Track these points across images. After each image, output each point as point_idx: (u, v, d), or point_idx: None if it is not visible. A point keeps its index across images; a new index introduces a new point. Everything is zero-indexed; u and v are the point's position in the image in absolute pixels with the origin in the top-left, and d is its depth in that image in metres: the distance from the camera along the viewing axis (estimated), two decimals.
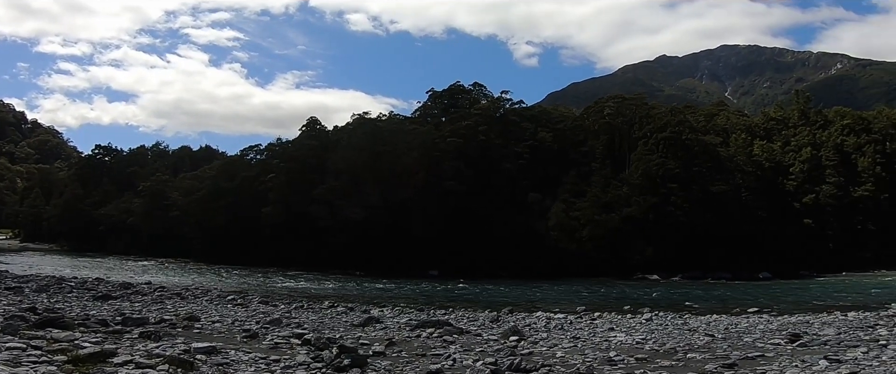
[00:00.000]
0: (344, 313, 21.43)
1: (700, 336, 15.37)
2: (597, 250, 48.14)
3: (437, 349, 12.50)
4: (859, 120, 60.58)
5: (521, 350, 12.62)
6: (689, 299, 30.38)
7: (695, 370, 10.40)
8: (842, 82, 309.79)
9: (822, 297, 31.62)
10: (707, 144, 53.21)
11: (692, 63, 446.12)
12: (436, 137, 56.71)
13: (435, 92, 67.28)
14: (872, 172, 54.51)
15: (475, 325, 18.41)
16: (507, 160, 55.18)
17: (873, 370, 9.48)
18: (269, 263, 52.74)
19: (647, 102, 63.28)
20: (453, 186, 52.33)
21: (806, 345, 13.06)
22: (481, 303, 28.30)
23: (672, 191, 48.49)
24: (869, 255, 50.92)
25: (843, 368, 9.62)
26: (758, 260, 46.99)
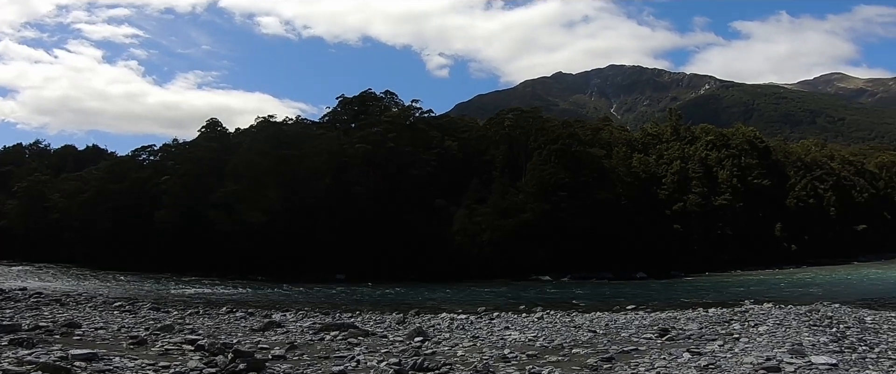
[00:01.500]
0: (243, 318, 20.62)
1: (584, 333, 16.19)
2: (496, 254, 50.21)
3: (342, 351, 12.46)
4: (721, 136, 67.81)
5: (425, 350, 12.90)
6: (576, 298, 32.06)
7: (579, 365, 11.17)
8: (709, 101, 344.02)
9: (688, 295, 33.70)
10: (593, 156, 56.90)
11: (584, 80, 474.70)
12: (344, 143, 56.55)
13: (345, 98, 66.97)
14: (730, 184, 61.32)
15: (381, 327, 18.38)
16: (415, 167, 56.18)
17: (726, 361, 10.70)
18: (161, 269, 49.82)
19: (542, 116, 66.57)
20: (361, 191, 52.46)
21: (673, 339, 14.22)
22: (388, 306, 28.25)
23: (562, 198, 51.62)
24: (727, 257, 56.65)
25: (703, 360, 10.85)
26: (635, 261, 51.14)
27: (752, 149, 66.47)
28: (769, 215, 62.52)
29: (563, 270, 49.06)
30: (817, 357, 10.36)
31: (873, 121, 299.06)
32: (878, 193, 77.00)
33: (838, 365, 9.79)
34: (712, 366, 10.19)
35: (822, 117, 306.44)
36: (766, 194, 63.38)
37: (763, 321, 17.57)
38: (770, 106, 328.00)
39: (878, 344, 13.37)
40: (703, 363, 10.49)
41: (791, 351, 11.19)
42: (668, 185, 59.56)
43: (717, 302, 27.56)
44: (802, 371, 9.34)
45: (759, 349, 11.74)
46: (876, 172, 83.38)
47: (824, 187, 68.38)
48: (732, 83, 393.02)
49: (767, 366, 9.66)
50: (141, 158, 70.03)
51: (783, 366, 9.73)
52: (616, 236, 51.49)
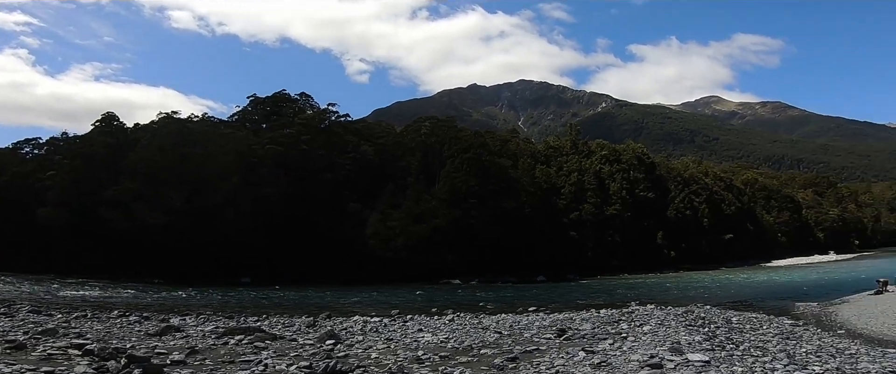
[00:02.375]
0: (137, 322, 19.20)
1: (491, 334, 16.74)
2: (409, 258, 50.26)
3: (248, 355, 12.02)
4: (613, 151, 72.48)
5: (337, 353, 12.76)
6: (484, 301, 32.59)
7: (487, 365, 11.54)
8: (605, 118, 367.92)
9: (583, 297, 35.08)
10: (501, 166, 58.56)
11: (496, 93, 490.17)
12: (253, 143, 54.09)
13: (257, 98, 64.12)
14: (620, 196, 65.76)
15: (290, 331, 17.85)
16: (329, 171, 54.93)
17: (616, 359, 11.48)
18: (43, 269, 45.09)
19: (456, 125, 67.72)
20: (270, 192, 50.40)
21: (570, 339, 15.04)
22: (298, 309, 27.44)
23: (472, 206, 52.80)
24: (616, 262, 60.48)
25: (596, 358, 11.58)
26: (536, 266, 53.29)
27: (639, 164, 71.60)
28: (653, 225, 67.60)
29: (472, 274, 50.02)
30: (693, 355, 11.44)
31: (742, 141, 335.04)
32: (743, 206, 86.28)
33: (711, 362, 10.89)
34: (604, 364, 10.95)
35: (700, 137, 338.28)
36: (650, 205, 68.42)
37: (647, 320, 19.07)
38: (657, 125, 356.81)
39: (742, 342, 15.02)
40: (596, 360, 11.23)
41: (671, 349, 12.26)
42: (566, 195, 62.45)
43: (608, 304, 29.31)
44: (681, 368, 10.26)
45: (644, 348, 12.74)
46: (742, 187, 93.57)
47: (699, 200, 75.33)
48: (625, 103, 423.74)
49: (651, 363, 10.51)
50: (24, 152, 62.92)
51: (664, 363, 10.62)
52: (520, 243, 53.43)
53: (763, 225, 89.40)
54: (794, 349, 14.05)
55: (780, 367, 10.92)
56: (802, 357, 12.70)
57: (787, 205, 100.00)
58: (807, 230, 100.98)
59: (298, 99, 65.57)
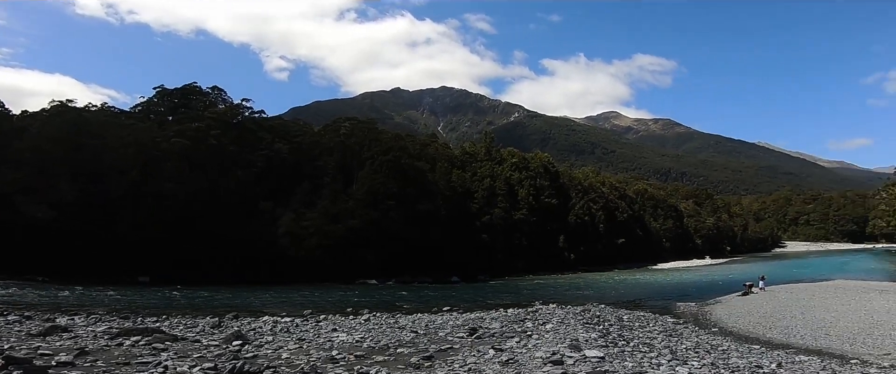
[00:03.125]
0: (18, 322, 17.27)
1: (407, 333, 16.74)
2: (324, 258, 48.95)
3: (145, 357, 11.24)
4: (523, 159, 75.06)
5: (245, 354, 12.23)
6: (400, 301, 32.60)
7: (403, 364, 11.52)
8: (517, 128, 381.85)
9: (492, 297, 35.98)
10: (420, 170, 58.73)
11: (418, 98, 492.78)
12: (157, 136, 50.06)
13: (165, 89, 59.39)
14: (527, 201, 68.27)
15: (193, 332, 16.83)
16: (239, 167, 52.16)
17: (522, 356, 11.95)
18: None
19: (377, 128, 67.04)
20: (173, 188, 46.93)
21: (481, 337, 15.39)
22: (202, 310, 25.94)
23: (390, 207, 52.45)
24: (523, 264, 62.47)
25: (504, 355, 11.99)
26: (451, 267, 53.94)
27: (546, 172, 74.80)
28: (555, 229, 70.76)
29: (388, 274, 49.70)
30: (590, 351, 12.16)
31: (635, 154, 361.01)
32: (634, 214, 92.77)
33: (605, 358, 11.63)
34: (512, 361, 11.37)
35: (600, 149, 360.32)
36: (554, 211, 71.56)
37: (549, 319, 19.99)
38: (563, 136, 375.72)
39: (632, 339, 16.15)
40: (504, 358, 11.64)
41: (570, 346, 12.95)
42: (479, 199, 63.76)
43: (515, 303, 30.24)
44: (579, 364, 10.87)
45: (547, 345, 13.36)
46: (633, 197, 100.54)
47: (597, 207, 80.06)
48: (536, 114, 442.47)
49: (553, 360, 11.05)
50: None
51: (565, 360, 11.21)
52: (435, 244, 53.87)
53: (651, 231, 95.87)
54: (676, 346, 15.31)
55: (665, 363, 11.87)
56: (683, 353, 13.87)
57: (672, 214, 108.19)
58: (687, 237, 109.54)
59: (210, 93, 61.65)
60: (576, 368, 10.37)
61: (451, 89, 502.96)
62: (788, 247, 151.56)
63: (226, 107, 60.03)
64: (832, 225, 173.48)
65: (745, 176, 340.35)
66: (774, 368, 11.98)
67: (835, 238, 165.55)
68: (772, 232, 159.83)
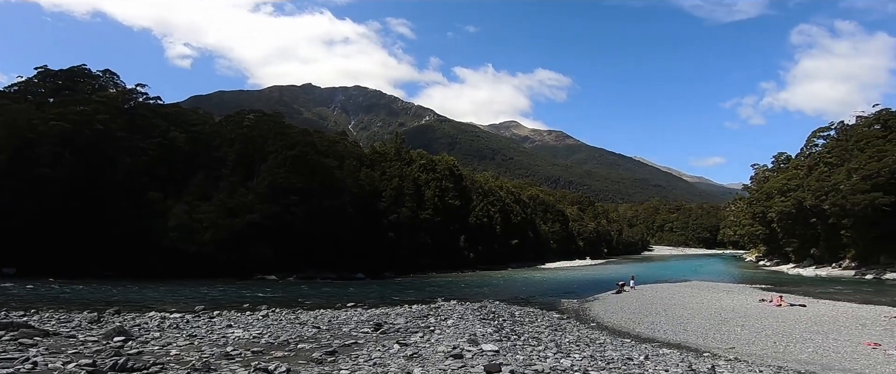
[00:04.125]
0: None
1: (309, 329, 16.10)
2: (219, 252, 46.01)
3: (10, 352, 9.99)
4: (430, 161, 75.77)
5: (128, 350, 11.22)
6: (302, 297, 31.35)
7: (305, 359, 11.08)
8: (427, 131, 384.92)
9: (397, 293, 35.71)
10: (327, 166, 57.12)
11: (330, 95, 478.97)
12: (34, 118, 44.09)
13: (47, 70, 52.52)
14: (433, 202, 69.11)
15: (68, 327, 15.06)
16: (128, 155, 47.40)
17: (426, 350, 11.97)
18: None
19: (284, 122, 64.35)
20: (49, 173, 41.64)
21: (386, 333, 15.22)
22: (79, 304, 23.29)
23: (293, 202, 50.41)
24: (427, 261, 63.29)
25: (408, 350, 11.94)
26: (355, 264, 53.23)
27: (451, 175, 76.16)
28: (457, 229, 72.40)
29: (289, 270, 47.81)
30: (486, 345, 12.62)
31: (530, 162, 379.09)
32: (527, 217, 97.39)
33: (500, 351, 12.14)
34: (416, 355, 11.47)
35: (500, 155, 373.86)
36: (456, 212, 73.10)
37: (450, 315, 20.40)
38: (468, 141, 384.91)
39: (523, 333, 16.96)
40: (408, 352, 11.69)
41: (469, 341, 13.35)
42: (387, 198, 63.40)
43: (419, 300, 30.34)
44: (477, 357, 11.24)
45: (448, 340, 13.64)
46: (527, 201, 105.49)
47: (495, 210, 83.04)
48: (445, 118, 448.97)
49: (454, 354, 11.33)
50: None
51: (464, 353, 11.53)
52: (340, 241, 52.71)
53: (540, 233, 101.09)
54: (560, 340, 16.28)
55: (551, 355, 12.63)
56: (567, 346, 14.81)
57: (559, 218, 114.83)
58: (571, 239, 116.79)
59: (100, 76, 55.47)
60: (474, 361, 10.72)
61: (365, 89, 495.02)
62: (655, 251, 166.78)
63: (117, 91, 54.38)
64: (691, 232, 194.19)
65: (622, 186, 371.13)
66: (642, 360, 13.05)
67: (693, 244, 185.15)
68: (642, 237, 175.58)
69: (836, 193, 55.85)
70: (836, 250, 61.77)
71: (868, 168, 52.21)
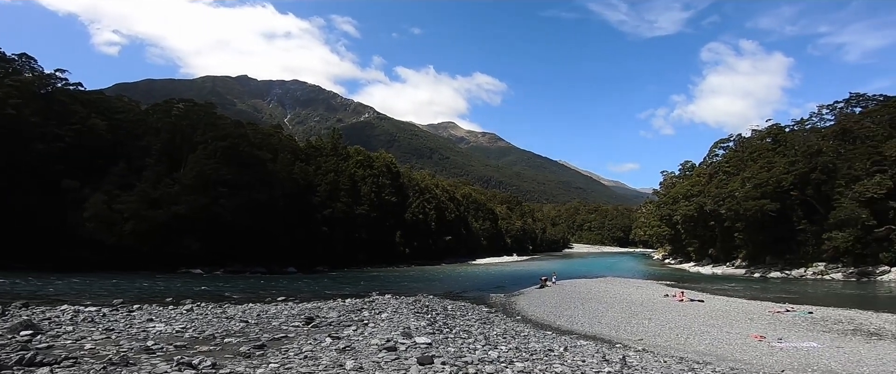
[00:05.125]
0: None
1: (237, 323, 15.45)
2: (141, 245, 42.89)
3: None
4: (368, 158, 74.70)
5: (37, 344, 10.34)
6: (230, 291, 29.95)
7: (232, 353, 10.61)
8: (366, 127, 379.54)
9: (331, 287, 34.72)
10: (260, 158, 54.69)
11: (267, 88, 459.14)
12: None
13: None
14: (369, 198, 68.29)
15: None
16: (41, 141, 42.98)
17: (359, 343, 11.85)
18: None
19: (215, 112, 60.96)
20: None
21: (317, 326, 14.85)
22: None
23: (222, 194, 47.85)
24: (362, 256, 62.72)
25: (341, 343, 11.74)
26: (287, 258, 51.44)
27: (388, 172, 75.59)
28: (393, 225, 72.08)
29: (217, 264, 45.49)
30: (419, 338, 12.64)
31: (465, 162, 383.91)
32: (460, 215, 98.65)
33: (432, 344, 12.20)
34: (348, 348, 11.30)
35: (437, 154, 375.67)
36: (393, 208, 72.73)
37: (385, 309, 20.22)
38: (407, 139, 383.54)
39: (455, 326, 17.15)
40: (341, 345, 11.50)
41: (403, 334, 13.31)
42: (321, 193, 61.81)
43: (353, 294, 29.75)
44: (410, 349, 11.25)
45: (382, 333, 13.54)
46: (461, 199, 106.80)
47: (430, 207, 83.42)
48: (385, 116, 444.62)
49: (387, 347, 11.26)
50: None
51: (398, 346, 11.50)
52: (272, 234, 50.71)
53: (472, 230, 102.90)
54: (488, 332, 16.63)
55: (480, 347, 12.87)
56: (494, 339, 15.15)
57: (489, 216, 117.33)
58: (500, 236, 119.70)
59: (15, 59, 49.77)
60: (407, 353, 10.71)
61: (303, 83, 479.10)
62: (575, 248, 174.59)
63: (33, 76, 49.11)
64: (607, 232, 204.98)
65: (547, 188, 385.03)
66: (562, 352, 13.59)
67: (608, 243, 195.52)
68: (563, 235, 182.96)
69: (731, 199, 60.95)
70: (730, 251, 67.51)
71: (759, 177, 57.42)
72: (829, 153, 53.27)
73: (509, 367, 10.33)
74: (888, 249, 46.82)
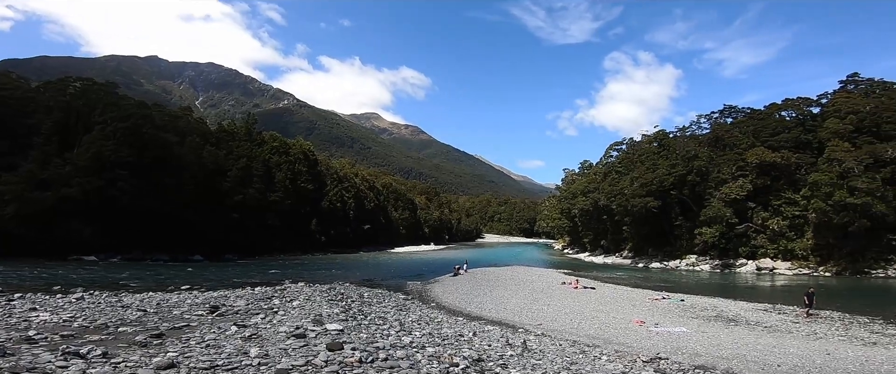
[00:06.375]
0: None
1: (133, 312, 14.32)
2: (26, 229, 37.83)
3: None
4: (284, 144, 71.49)
5: None
6: (127, 279, 27.51)
7: (126, 342, 9.80)
8: (285, 114, 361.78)
9: (240, 276, 32.70)
10: (165, 141, 50.03)
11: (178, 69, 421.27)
12: None
13: None
14: (284, 185, 65.40)
15: None
16: None
17: (267, 331, 11.26)
18: None
19: (117, 92, 54.88)
20: None
21: (223, 315, 14.02)
22: None
23: (121, 177, 43.37)
24: (277, 244, 59.99)
25: (247, 331, 11.12)
26: (193, 245, 47.71)
27: (305, 159, 72.83)
28: (309, 213, 69.71)
29: (114, 250, 41.27)
30: (331, 325, 12.33)
31: (387, 153, 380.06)
32: (379, 203, 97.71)
33: (344, 330, 11.95)
34: (255, 336, 10.76)
35: (358, 144, 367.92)
36: (309, 196, 70.25)
37: (297, 297, 19.50)
38: (327, 128, 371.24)
39: (370, 313, 16.94)
40: (247, 333, 10.93)
41: (314, 321, 12.92)
42: (232, 178, 58.00)
43: (264, 282, 28.34)
44: (320, 336, 10.93)
45: (292, 320, 13.04)
46: (381, 189, 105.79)
47: (349, 195, 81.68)
48: (305, 104, 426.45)
49: (296, 334, 10.87)
50: None
51: (308, 333, 11.13)
52: (176, 220, 46.84)
53: (392, 220, 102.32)
54: (404, 319, 16.63)
55: (393, 333, 12.84)
56: (409, 325, 15.18)
57: (409, 206, 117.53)
58: (419, 226, 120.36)
59: None
60: (317, 340, 10.40)
61: (218, 66, 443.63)
62: (487, 238, 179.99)
63: None
64: (515, 223, 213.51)
65: (463, 180, 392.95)
66: (472, 336, 13.96)
67: (516, 233, 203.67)
68: (477, 226, 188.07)
69: (621, 196, 66.15)
70: (619, 243, 73.35)
71: (645, 178, 62.82)
72: (703, 158, 59.52)
73: (421, 352, 10.41)
74: (746, 244, 53.42)
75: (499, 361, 10.62)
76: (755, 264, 51.60)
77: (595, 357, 12.76)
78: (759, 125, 59.90)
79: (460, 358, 10.04)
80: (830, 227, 45.87)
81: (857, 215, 43.48)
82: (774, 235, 51.59)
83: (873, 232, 44.23)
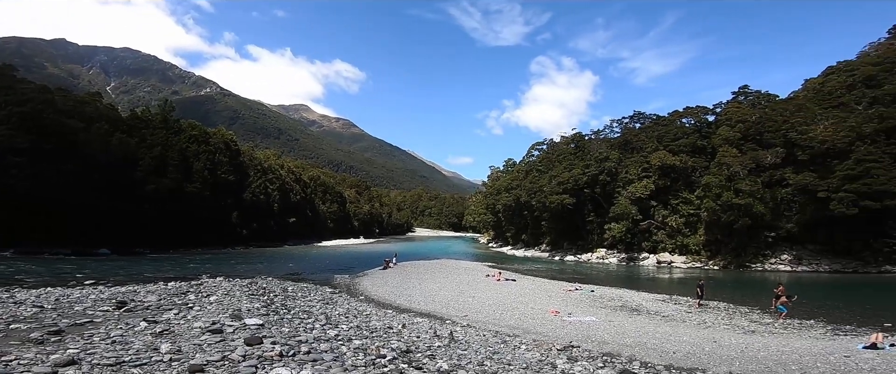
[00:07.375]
0: None
1: (28, 308, 13.02)
2: None
3: None
4: (204, 133, 66.68)
5: None
6: (22, 274, 24.89)
7: (19, 339, 8.90)
8: (207, 102, 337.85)
9: (152, 270, 31.15)
10: (70, 127, 45.06)
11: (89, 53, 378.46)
12: None
13: None
14: (202, 175, 61.14)
15: None
16: None
17: (180, 327, 10.54)
18: None
19: (15, 75, 48.36)
20: None
21: (131, 310, 12.99)
22: None
23: (16, 164, 38.66)
24: (195, 237, 55.66)
25: (158, 327, 10.34)
26: (99, 238, 43.55)
27: (226, 149, 68.60)
28: (230, 205, 65.86)
29: (6, 243, 36.71)
30: (250, 320, 11.77)
31: (316, 145, 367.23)
32: (306, 196, 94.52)
33: (264, 325, 11.46)
34: (167, 332, 10.10)
35: (285, 135, 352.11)
36: (230, 187, 66.42)
37: (215, 291, 18.39)
38: (252, 118, 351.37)
39: (294, 307, 16.35)
40: (158, 329, 10.24)
41: (232, 316, 12.26)
42: (144, 168, 53.36)
43: (179, 277, 26.72)
44: (238, 331, 10.40)
45: (208, 316, 12.29)
46: (308, 181, 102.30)
47: (273, 187, 78.20)
48: (229, 92, 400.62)
49: (212, 329, 10.26)
50: None
51: (225, 328, 10.55)
52: (79, 211, 42.35)
53: (319, 213, 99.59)
54: (331, 312, 16.24)
55: (318, 327, 12.50)
56: (336, 318, 14.85)
57: (337, 199, 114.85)
58: (348, 219, 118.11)
59: None
60: (235, 335, 9.88)
61: (135, 52, 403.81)
62: (417, 232, 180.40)
63: None
64: (444, 218, 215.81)
65: (395, 175, 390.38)
66: (401, 328, 13.98)
67: (445, 227, 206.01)
68: (407, 220, 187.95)
69: (541, 193, 69.13)
70: (539, 237, 76.63)
71: (562, 177, 66.12)
72: (613, 160, 63.68)
73: (347, 345, 10.22)
74: (648, 239, 57.91)
75: (427, 352, 10.70)
76: (656, 258, 56.07)
77: (515, 346, 13.20)
78: (662, 131, 65.01)
79: (388, 350, 9.99)
80: (719, 225, 50.91)
81: (741, 214, 48.59)
82: (672, 231, 56.36)
83: (753, 230, 49.61)
